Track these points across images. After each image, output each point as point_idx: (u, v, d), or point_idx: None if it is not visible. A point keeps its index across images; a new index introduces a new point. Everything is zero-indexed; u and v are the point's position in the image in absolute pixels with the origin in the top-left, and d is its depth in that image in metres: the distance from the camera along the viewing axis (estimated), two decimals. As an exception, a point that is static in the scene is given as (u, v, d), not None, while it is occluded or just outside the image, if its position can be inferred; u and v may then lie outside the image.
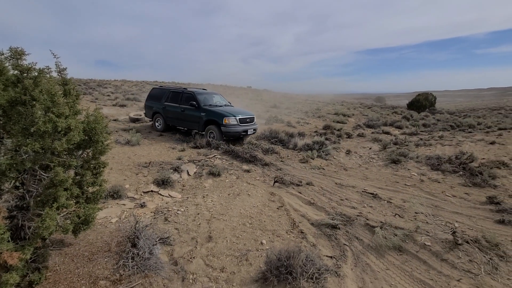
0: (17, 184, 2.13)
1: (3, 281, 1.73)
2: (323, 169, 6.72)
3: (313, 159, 7.36)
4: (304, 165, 6.94)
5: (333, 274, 2.74)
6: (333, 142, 9.61)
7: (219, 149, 7.20)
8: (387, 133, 12.61)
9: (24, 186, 2.12)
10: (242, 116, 7.98)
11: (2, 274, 1.77)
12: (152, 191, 4.37)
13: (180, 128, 9.10)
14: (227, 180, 5.24)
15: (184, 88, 9.14)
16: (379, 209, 4.39)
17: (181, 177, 5.12)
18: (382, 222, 3.78)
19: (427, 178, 6.13)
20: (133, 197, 4.11)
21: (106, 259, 2.60)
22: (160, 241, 2.93)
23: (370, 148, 9.33)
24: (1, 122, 1.99)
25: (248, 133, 8.07)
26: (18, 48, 1.98)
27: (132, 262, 2.49)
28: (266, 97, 29.39)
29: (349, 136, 11.40)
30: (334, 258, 3.07)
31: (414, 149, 8.75)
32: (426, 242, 3.34)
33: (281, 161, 7.12)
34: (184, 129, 9.02)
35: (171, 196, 4.34)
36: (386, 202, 4.68)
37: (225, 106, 8.94)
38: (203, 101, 8.48)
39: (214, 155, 6.63)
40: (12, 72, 1.99)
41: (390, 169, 6.95)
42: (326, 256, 3.09)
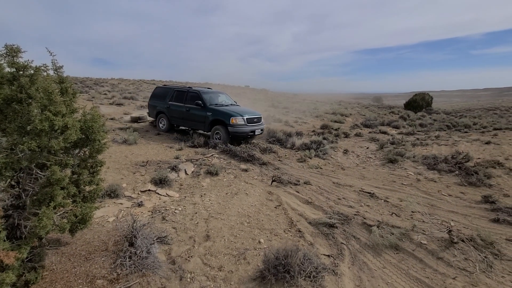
0: (12, 183, 2.11)
1: (-1, 280, 1.71)
2: (321, 168, 6.74)
3: (310, 159, 7.37)
4: (302, 164, 6.95)
5: (330, 273, 2.75)
6: (330, 141, 9.64)
7: (217, 148, 7.19)
8: (384, 132, 12.69)
9: (20, 185, 2.10)
10: (249, 116, 7.74)
11: (-2, 273, 1.75)
12: (149, 190, 4.36)
13: (184, 128, 8.90)
14: (225, 179, 5.24)
15: (189, 87, 8.92)
16: (376, 208, 4.42)
17: (178, 176, 5.10)
18: (379, 221, 3.81)
19: (424, 178, 6.18)
20: (130, 196, 4.10)
21: (103, 258, 2.59)
22: (157, 240, 2.92)
23: (367, 147, 9.38)
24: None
25: (255, 133, 7.83)
26: (14, 45, 1.96)
27: (129, 261, 2.49)
28: (264, 96, 29.38)
29: (346, 135, 11.44)
30: (331, 256, 3.09)
31: (410, 148, 8.81)
32: (422, 241, 3.37)
33: (279, 160, 7.13)
34: (188, 129, 8.84)
35: (169, 195, 4.33)
36: (383, 201, 4.71)
37: (231, 105, 8.66)
38: (209, 100, 8.22)
39: (212, 154, 6.62)
40: (7, 69, 1.97)
41: (387, 168, 6.99)
42: (324, 254, 3.11)
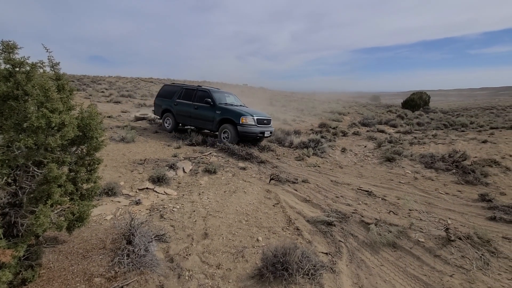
0: (9, 180, 2.09)
1: (-4, 278, 1.70)
2: (319, 166, 6.75)
3: (309, 157, 7.38)
4: (300, 162, 6.96)
5: (328, 270, 2.76)
6: (328, 140, 9.66)
7: (215, 146, 7.18)
8: (382, 131, 12.73)
9: (16, 183, 2.08)
10: (259, 116, 7.60)
11: (-6, 271, 1.74)
12: (147, 188, 4.34)
13: (190, 127, 8.81)
14: (223, 177, 5.23)
15: (198, 85, 8.80)
16: (374, 206, 4.44)
17: (176, 174, 5.09)
18: (376, 219, 3.82)
19: (421, 176, 6.22)
20: (128, 194, 4.08)
21: (101, 256, 2.58)
22: (155, 238, 2.91)
23: (365, 146, 9.41)
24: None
25: (265, 135, 7.66)
26: (10, 41, 1.93)
27: (127, 259, 2.47)
28: (262, 95, 29.35)
29: (344, 134, 11.47)
30: (329, 254, 3.10)
31: (408, 147, 8.85)
32: (419, 239, 3.39)
33: (277, 158, 7.14)
34: (194, 128, 8.76)
35: (167, 193, 4.31)
36: (380, 199, 4.73)
37: (240, 106, 8.53)
38: (219, 99, 8.07)
39: (210, 153, 6.60)
40: (3, 66, 1.95)
41: (384, 167, 7.02)
42: (322, 252, 3.12)
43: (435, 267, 2.94)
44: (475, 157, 7.41)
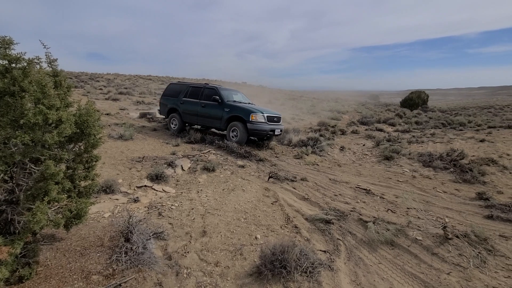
0: (6, 177, 2.08)
1: (-8, 276, 1.69)
2: (317, 165, 6.76)
3: (307, 155, 7.39)
4: (298, 161, 6.96)
5: (326, 268, 2.77)
6: (327, 138, 9.67)
7: (214, 144, 7.17)
8: (381, 130, 12.75)
9: (13, 180, 2.06)
10: (269, 114, 7.41)
11: (-9, 269, 1.73)
12: (145, 186, 4.33)
13: (197, 126, 8.70)
14: (222, 175, 5.23)
15: (205, 83, 8.64)
16: (372, 204, 4.45)
17: (175, 172, 5.08)
18: (375, 217, 3.83)
19: (419, 175, 6.24)
20: (126, 192, 4.07)
21: (98, 254, 2.57)
22: (154, 235, 2.90)
23: (363, 144, 9.43)
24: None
25: (275, 133, 7.43)
26: (6, 37, 1.91)
27: (125, 256, 2.47)
28: (261, 92, 29.30)
29: (343, 132, 11.48)
30: (327, 252, 3.11)
31: (406, 146, 8.88)
32: (417, 237, 3.40)
33: (275, 157, 7.14)
34: (201, 127, 8.65)
35: (165, 191, 4.31)
36: (379, 197, 4.74)
37: (248, 104, 8.30)
38: (227, 96, 7.90)
39: (209, 150, 6.59)
40: (0, 62, 1.92)
41: (383, 165, 7.04)
42: (320, 250, 3.12)
43: (433, 265, 2.96)
44: (473, 156, 7.44)
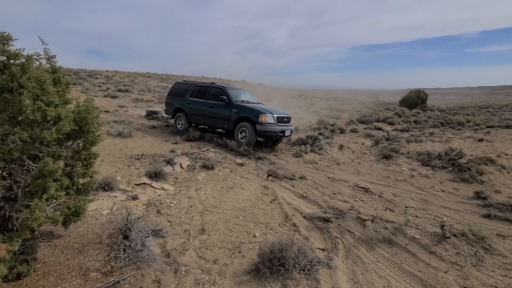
0: (4, 174, 2.07)
1: (-10, 272, 1.69)
2: (316, 163, 6.77)
3: (306, 154, 7.39)
4: (297, 159, 6.97)
5: (324, 266, 2.78)
6: (326, 137, 9.67)
7: (213, 142, 7.16)
8: (380, 129, 12.77)
9: (11, 177, 2.05)
10: (279, 114, 7.17)
11: (-11, 265, 1.73)
12: (144, 184, 4.33)
13: (204, 126, 8.56)
14: (221, 173, 5.23)
15: (212, 82, 8.44)
16: (371, 203, 4.46)
17: (174, 169, 5.07)
18: (373, 215, 3.85)
19: (418, 174, 6.26)
20: (125, 189, 4.06)
21: (97, 251, 2.57)
22: (152, 233, 2.90)
23: (362, 143, 9.44)
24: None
25: (285, 134, 7.19)
26: (5, 33, 1.89)
27: (123, 254, 2.47)
28: (260, 91, 29.26)
29: (342, 131, 11.49)
30: (326, 250, 3.12)
31: (405, 145, 8.89)
32: (415, 235, 3.42)
33: (274, 155, 7.14)
34: (208, 128, 8.51)
35: (164, 188, 4.30)
36: (377, 196, 4.75)
37: (257, 104, 8.05)
38: (234, 96, 7.67)
39: (208, 148, 6.59)
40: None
41: (381, 164, 7.05)
42: (318, 248, 3.13)
43: (430, 264, 2.98)
44: (471, 155, 7.46)
